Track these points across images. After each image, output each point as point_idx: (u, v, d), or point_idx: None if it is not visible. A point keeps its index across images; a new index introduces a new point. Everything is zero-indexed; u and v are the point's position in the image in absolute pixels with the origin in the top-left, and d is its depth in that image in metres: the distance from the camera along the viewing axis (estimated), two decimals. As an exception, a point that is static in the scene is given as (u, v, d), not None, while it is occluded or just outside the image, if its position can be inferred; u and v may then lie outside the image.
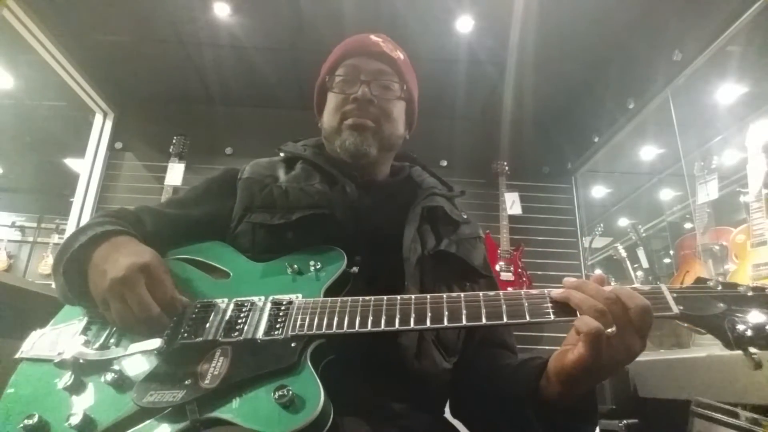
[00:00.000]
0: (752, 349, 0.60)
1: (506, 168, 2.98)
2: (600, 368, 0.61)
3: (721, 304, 0.64)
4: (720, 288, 0.66)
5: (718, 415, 1.44)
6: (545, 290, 0.68)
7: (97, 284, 0.73)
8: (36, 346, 0.77)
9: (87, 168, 2.98)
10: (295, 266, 0.81)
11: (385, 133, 0.98)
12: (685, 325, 2.44)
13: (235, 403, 0.62)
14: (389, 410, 0.76)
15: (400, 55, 1.04)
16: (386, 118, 0.98)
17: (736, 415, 1.40)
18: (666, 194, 3.57)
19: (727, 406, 1.43)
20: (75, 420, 0.64)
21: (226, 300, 0.77)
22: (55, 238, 5.00)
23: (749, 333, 0.60)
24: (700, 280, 0.68)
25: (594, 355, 0.59)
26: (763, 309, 0.62)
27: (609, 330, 0.60)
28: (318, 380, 0.62)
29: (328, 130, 1.01)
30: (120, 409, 0.65)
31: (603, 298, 0.62)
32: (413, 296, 0.70)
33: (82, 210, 2.89)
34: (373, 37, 1.04)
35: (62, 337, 0.77)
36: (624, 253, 3.16)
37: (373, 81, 0.98)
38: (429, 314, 0.68)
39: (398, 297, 0.71)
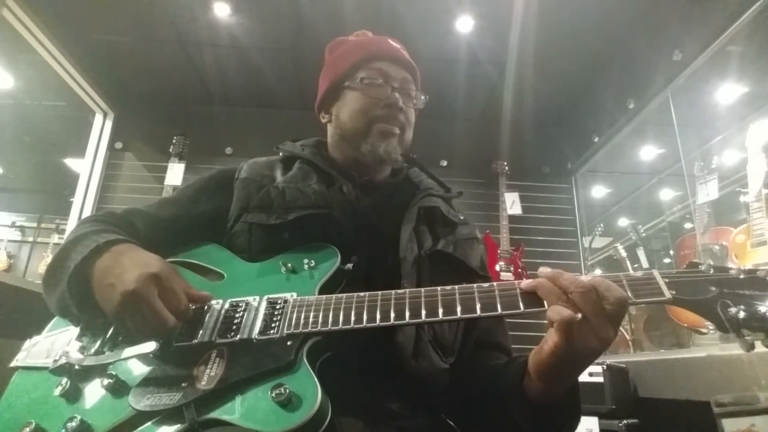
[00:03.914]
0: (745, 332, 0.60)
1: (506, 168, 2.98)
2: (574, 356, 0.62)
3: (713, 288, 0.64)
4: (712, 272, 0.66)
5: (741, 407, 1.45)
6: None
7: (107, 299, 0.70)
8: (31, 355, 0.77)
9: (87, 168, 2.98)
10: (289, 265, 0.80)
11: (406, 140, 1.01)
12: (685, 325, 2.44)
13: (233, 403, 0.62)
14: (387, 410, 0.76)
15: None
16: (409, 125, 1.01)
17: (757, 400, 1.42)
18: (666, 194, 3.57)
19: (745, 394, 1.44)
20: (72, 426, 0.64)
21: (220, 301, 0.77)
22: (55, 238, 5.00)
23: (742, 315, 0.60)
24: (692, 265, 0.68)
25: (566, 341, 0.60)
26: (755, 291, 0.62)
27: (576, 315, 0.61)
28: (315, 378, 0.62)
29: (351, 132, 0.99)
30: (117, 413, 0.65)
31: (576, 286, 0.63)
32: (407, 291, 0.70)
33: (82, 210, 2.90)
34: (392, 43, 1.05)
35: (57, 344, 0.77)
36: (624, 253, 3.16)
37: (401, 88, 0.99)
38: (423, 309, 0.68)
39: (392, 292, 0.71)
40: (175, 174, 2.74)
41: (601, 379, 1.99)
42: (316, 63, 1.12)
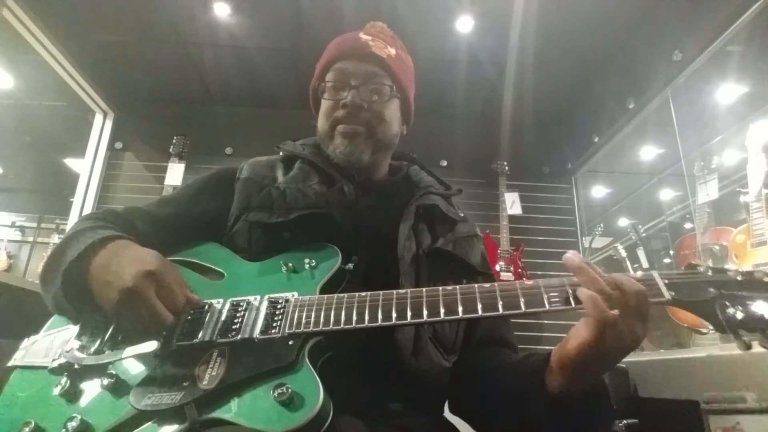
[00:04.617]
0: (742, 332, 0.62)
1: (506, 168, 2.98)
2: (604, 353, 0.62)
3: (712, 289, 0.65)
4: (710, 273, 0.68)
5: (727, 405, 1.49)
6: (539, 281, 0.68)
7: (105, 296, 0.70)
8: (29, 353, 0.76)
9: (87, 168, 2.98)
10: (290, 264, 0.80)
11: (379, 136, 0.97)
12: (685, 325, 2.44)
13: (235, 402, 0.62)
14: (387, 409, 0.76)
15: (390, 51, 1.01)
16: (379, 121, 0.96)
17: (744, 400, 1.46)
18: (666, 194, 3.57)
19: (733, 393, 1.47)
20: (72, 426, 0.63)
21: (221, 300, 0.77)
22: (55, 238, 4.99)
23: (739, 316, 0.62)
24: (690, 267, 0.70)
25: (598, 337, 0.60)
26: (752, 292, 0.63)
27: (613, 312, 0.60)
28: (317, 377, 0.62)
29: (322, 135, 1.01)
30: (118, 413, 0.65)
31: (605, 282, 0.63)
32: (409, 290, 0.70)
33: (82, 210, 2.90)
34: (362, 36, 1.01)
35: (56, 343, 0.76)
36: (624, 253, 3.16)
37: (362, 85, 0.95)
38: (425, 309, 0.68)
39: (394, 292, 0.71)
40: (175, 174, 2.73)
41: (601, 379, 1.99)
42: (316, 63, 1.12)
